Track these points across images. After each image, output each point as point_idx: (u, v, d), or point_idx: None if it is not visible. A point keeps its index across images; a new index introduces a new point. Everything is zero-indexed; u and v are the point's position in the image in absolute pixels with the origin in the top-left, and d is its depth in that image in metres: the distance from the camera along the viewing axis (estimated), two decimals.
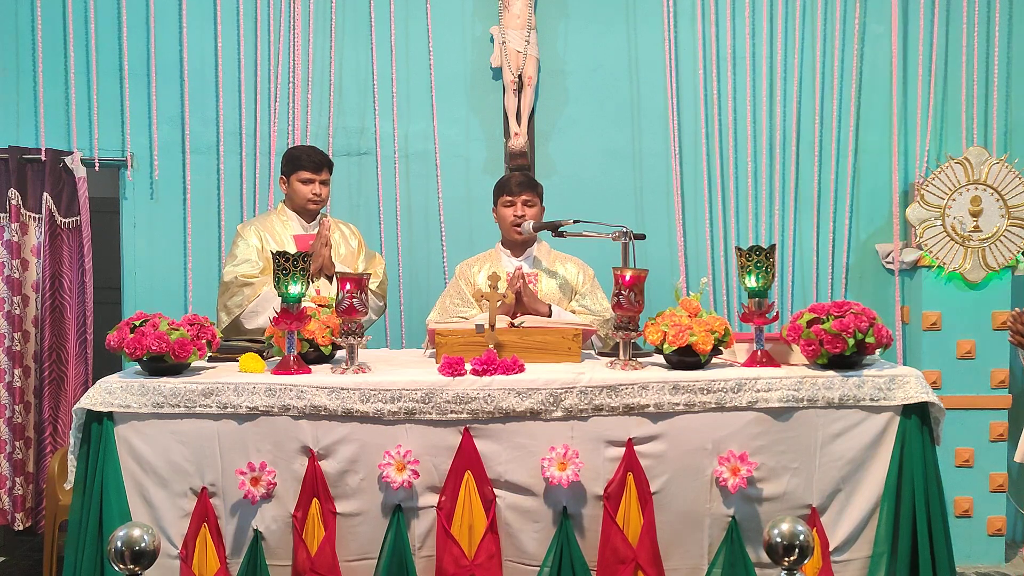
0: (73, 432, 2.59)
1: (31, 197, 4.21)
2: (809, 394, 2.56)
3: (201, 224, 4.37)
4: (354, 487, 2.55)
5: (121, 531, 2.03)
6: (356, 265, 3.56)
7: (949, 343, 4.16)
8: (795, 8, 4.39)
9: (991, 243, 4.13)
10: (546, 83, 4.42)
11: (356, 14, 4.41)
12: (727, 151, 4.39)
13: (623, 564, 2.51)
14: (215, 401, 2.53)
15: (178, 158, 4.37)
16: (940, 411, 2.62)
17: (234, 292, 3.36)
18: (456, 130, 4.44)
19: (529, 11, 4.30)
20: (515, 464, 2.54)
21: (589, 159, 4.43)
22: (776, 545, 2.04)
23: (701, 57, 4.39)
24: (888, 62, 4.38)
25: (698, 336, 2.58)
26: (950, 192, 4.15)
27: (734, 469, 2.52)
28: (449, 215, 4.41)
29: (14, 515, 4.13)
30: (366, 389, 2.53)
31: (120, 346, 2.59)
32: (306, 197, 3.47)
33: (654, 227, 4.25)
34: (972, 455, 4.13)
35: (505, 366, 2.58)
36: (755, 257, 2.67)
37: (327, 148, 4.31)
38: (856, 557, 2.60)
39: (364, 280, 2.68)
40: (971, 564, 4.10)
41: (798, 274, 4.41)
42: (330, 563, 2.51)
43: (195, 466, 2.55)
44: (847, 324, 2.54)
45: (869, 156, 4.41)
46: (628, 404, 2.54)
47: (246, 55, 4.37)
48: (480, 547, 2.51)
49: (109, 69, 4.34)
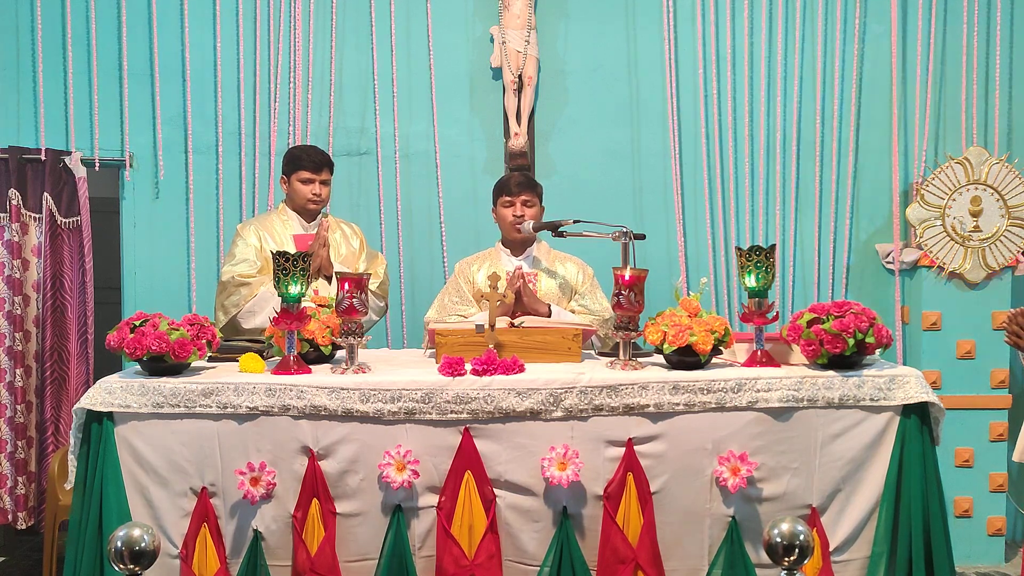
0: (73, 432, 2.59)
1: (31, 197, 4.21)
2: (809, 394, 2.56)
3: (201, 224, 4.37)
4: (354, 487, 2.55)
5: (121, 531, 2.02)
6: (357, 265, 3.55)
7: (949, 343, 4.16)
8: (795, 8, 4.38)
9: (991, 243, 4.13)
10: (546, 83, 4.42)
11: (356, 14, 4.41)
12: (727, 151, 4.39)
13: (623, 564, 2.51)
14: (215, 401, 2.54)
15: (178, 158, 4.37)
16: (940, 411, 2.63)
17: (231, 292, 3.35)
18: (456, 130, 4.44)
19: (529, 11, 4.29)
20: (515, 464, 2.54)
21: (589, 159, 4.43)
22: (776, 545, 2.04)
23: (701, 57, 4.39)
24: (888, 62, 4.38)
25: (698, 336, 2.58)
26: (950, 192, 4.15)
27: (734, 469, 2.52)
28: (449, 215, 4.41)
29: (16, 514, 4.13)
30: (366, 389, 2.53)
31: (120, 346, 2.59)
32: (306, 197, 3.47)
33: (654, 227, 4.24)
34: (972, 455, 4.13)
35: (505, 366, 2.58)
36: (755, 257, 2.67)
37: (327, 148, 4.30)
38: (856, 557, 2.60)
39: (364, 280, 2.68)
40: (971, 564, 4.10)
41: (798, 274, 4.41)
42: (330, 563, 2.51)
43: (195, 466, 2.55)
44: (847, 324, 2.54)
45: (869, 156, 4.41)
46: (628, 404, 2.54)
47: (246, 55, 4.37)
48: (480, 547, 2.51)
49: (109, 69, 4.34)
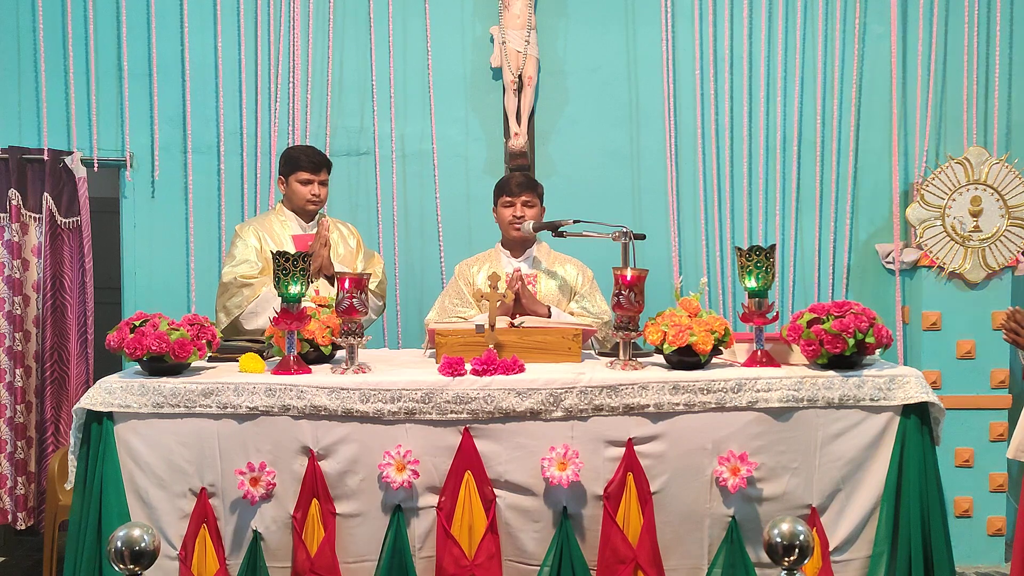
0: (73, 432, 2.59)
1: (31, 197, 4.20)
2: (809, 394, 2.56)
3: (201, 224, 4.37)
4: (354, 487, 2.55)
5: (121, 531, 2.02)
6: (355, 265, 3.55)
7: (949, 343, 4.16)
8: (795, 8, 4.38)
9: (991, 243, 4.13)
10: (546, 83, 4.42)
11: (356, 14, 4.40)
12: (727, 151, 4.38)
13: (623, 564, 2.51)
14: (215, 401, 2.53)
15: (178, 158, 4.37)
16: (940, 411, 2.63)
17: (233, 293, 3.35)
18: (456, 130, 4.44)
19: (529, 11, 4.29)
20: (515, 464, 2.54)
21: (589, 159, 4.43)
22: (776, 545, 2.03)
23: (699, 57, 4.38)
24: (888, 62, 4.38)
25: (698, 336, 2.58)
26: (950, 192, 4.15)
27: (734, 469, 2.52)
28: (449, 215, 4.41)
29: (16, 514, 4.13)
30: (366, 389, 2.53)
31: (120, 346, 2.59)
32: (305, 198, 3.47)
33: (654, 227, 4.23)
34: (972, 455, 4.13)
35: (505, 366, 2.58)
36: (755, 257, 2.67)
37: (326, 148, 4.30)
38: (856, 557, 2.60)
39: (364, 280, 2.68)
40: (971, 564, 4.10)
41: (798, 274, 4.41)
42: (330, 564, 2.51)
43: (195, 466, 2.55)
44: (847, 324, 2.54)
45: (869, 156, 4.41)
46: (628, 404, 2.54)
47: (246, 55, 4.37)
48: (480, 547, 2.51)
49: (109, 69, 4.34)
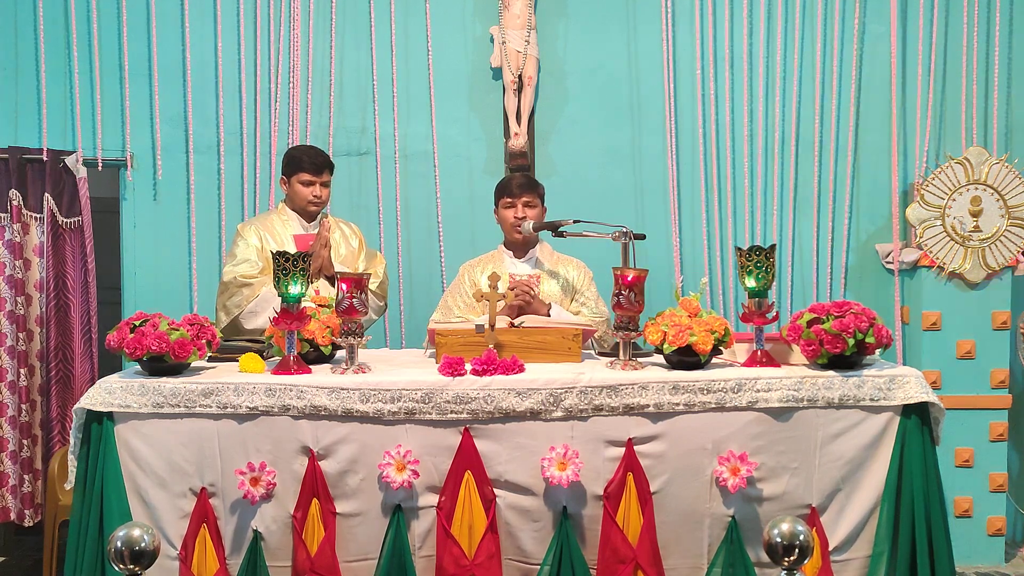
0: (73, 432, 2.60)
1: (32, 197, 4.20)
2: (809, 394, 2.56)
3: (202, 224, 4.37)
4: (354, 487, 2.55)
5: (121, 531, 2.03)
6: (356, 265, 3.55)
7: (949, 343, 4.15)
8: (795, 8, 4.38)
9: (991, 243, 4.13)
10: (546, 83, 4.42)
11: (356, 14, 4.40)
12: (727, 151, 4.39)
13: (623, 564, 2.51)
14: (215, 401, 2.54)
15: (179, 158, 4.37)
16: (940, 411, 2.63)
17: (233, 292, 3.35)
18: (456, 130, 4.44)
19: (529, 11, 4.29)
20: (515, 464, 2.54)
21: (589, 159, 4.43)
22: (776, 545, 2.04)
23: (699, 57, 4.38)
24: (888, 62, 4.38)
25: (698, 336, 2.59)
26: (950, 192, 4.15)
27: (734, 469, 2.52)
28: (449, 215, 4.41)
29: (23, 511, 4.15)
30: (366, 389, 2.53)
31: (120, 346, 2.59)
32: (306, 199, 3.47)
33: (654, 227, 4.24)
34: (972, 455, 4.13)
35: (505, 366, 2.58)
36: (755, 257, 2.67)
37: (327, 148, 4.30)
38: (856, 557, 2.60)
39: (364, 280, 2.68)
40: (971, 564, 4.09)
41: (798, 274, 4.41)
42: (330, 563, 2.51)
43: (195, 466, 2.56)
44: (847, 324, 2.54)
45: (869, 156, 4.41)
46: (628, 404, 2.54)
47: (246, 55, 4.37)
48: (480, 547, 2.51)
49: (110, 69, 4.34)
